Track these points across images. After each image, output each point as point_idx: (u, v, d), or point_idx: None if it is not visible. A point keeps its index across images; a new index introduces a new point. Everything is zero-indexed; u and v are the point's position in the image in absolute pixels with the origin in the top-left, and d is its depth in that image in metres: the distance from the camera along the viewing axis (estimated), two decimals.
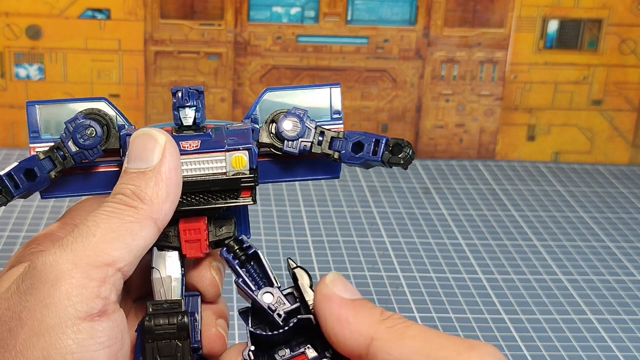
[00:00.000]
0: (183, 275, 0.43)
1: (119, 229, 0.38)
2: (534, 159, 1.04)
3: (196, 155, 0.41)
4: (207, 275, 0.43)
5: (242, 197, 0.41)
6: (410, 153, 0.42)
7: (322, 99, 0.43)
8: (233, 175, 0.41)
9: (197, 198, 0.41)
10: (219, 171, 0.41)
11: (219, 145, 0.41)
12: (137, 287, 0.44)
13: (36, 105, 0.43)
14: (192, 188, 0.41)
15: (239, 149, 0.40)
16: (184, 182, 0.40)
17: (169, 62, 0.97)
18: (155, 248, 0.42)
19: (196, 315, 0.42)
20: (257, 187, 0.41)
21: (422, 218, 0.85)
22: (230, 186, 0.41)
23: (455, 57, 1.00)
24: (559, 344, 0.64)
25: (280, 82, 0.99)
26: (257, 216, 0.82)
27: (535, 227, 0.84)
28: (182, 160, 0.40)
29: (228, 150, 0.40)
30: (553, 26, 1.00)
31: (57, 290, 0.36)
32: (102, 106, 0.44)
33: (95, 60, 0.96)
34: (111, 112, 0.43)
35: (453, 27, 0.99)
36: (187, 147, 0.41)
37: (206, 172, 0.41)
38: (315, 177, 0.44)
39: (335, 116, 0.43)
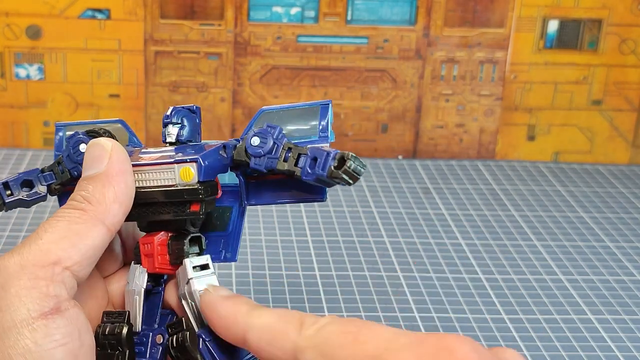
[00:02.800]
0: (157, 291, 0.43)
1: (65, 231, 0.39)
2: (534, 159, 1.04)
3: (148, 167, 0.41)
4: (172, 292, 0.43)
5: (191, 210, 0.41)
6: (351, 166, 0.38)
7: (312, 117, 0.42)
8: (181, 187, 0.40)
9: (148, 210, 0.41)
10: (169, 183, 0.41)
11: (170, 157, 0.41)
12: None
13: (64, 128, 0.45)
14: (143, 198, 0.41)
15: (186, 161, 0.40)
16: (136, 193, 0.41)
17: (169, 62, 0.97)
18: (132, 262, 0.43)
19: (164, 334, 0.42)
20: (206, 201, 0.40)
21: (422, 218, 0.85)
22: (176, 198, 0.40)
23: (455, 57, 1.00)
24: (559, 344, 0.64)
25: (280, 82, 0.99)
26: (257, 216, 0.82)
27: (535, 227, 0.84)
28: (135, 171, 0.41)
29: (177, 163, 0.40)
30: (553, 26, 1.00)
31: (7, 293, 0.37)
32: (116, 127, 0.45)
33: (95, 60, 0.96)
34: (123, 133, 0.44)
35: (453, 27, 0.99)
36: (146, 159, 0.41)
37: (156, 183, 0.41)
38: (300, 200, 0.42)
39: (322, 134, 0.42)
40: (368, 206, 0.87)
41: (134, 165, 0.41)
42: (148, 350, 0.41)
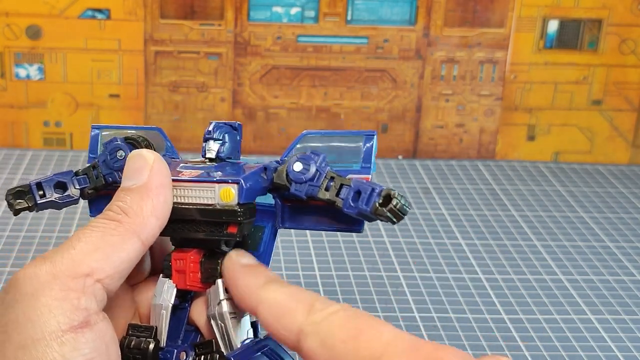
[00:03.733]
0: (183, 307, 0.42)
1: (99, 242, 0.38)
2: (534, 159, 1.04)
3: (189, 184, 0.40)
4: (200, 311, 0.43)
5: (227, 232, 0.40)
6: (397, 205, 0.37)
7: (355, 145, 0.41)
8: (220, 207, 0.40)
9: (184, 227, 0.41)
10: (207, 202, 0.40)
11: (211, 176, 0.40)
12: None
13: (99, 130, 0.44)
14: (179, 215, 0.40)
15: (227, 182, 0.39)
16: (173, 209, 0.40)
17: (169, 62, 0.97)
18: (161, 275, 0.42)
19: (189, 351, 0.42)
20: (244, 224, 0.40)
21: (422, 218, 0.85)
22: (214, 217, 0.40)
23: (455, 57, 1.00)
24: (559, 344, 0.64)
25: (280, 82, 0.99)
26: None
27: (535, 227, 0.84)
28: (175, 187, 0.40)
29: (218, 182, 0.40)
30: (553, 26, 1.00)
31: (37, 302, 0.36)
32: (154, 135, 0.44)
33: (95, 60, 0.96)
34: (160, 141, 0.44)
35: (453, 27, 0.99)
36: (187, 175, 0.40)
37: (195, 200, 0.40)
38: (338, 229, 0.41)
39: (364, 165, 0.41)
40: None
41: (173, 180, 0.40)
42: None
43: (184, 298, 0.43)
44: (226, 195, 0.40)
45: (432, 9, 0.98)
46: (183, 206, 0.40)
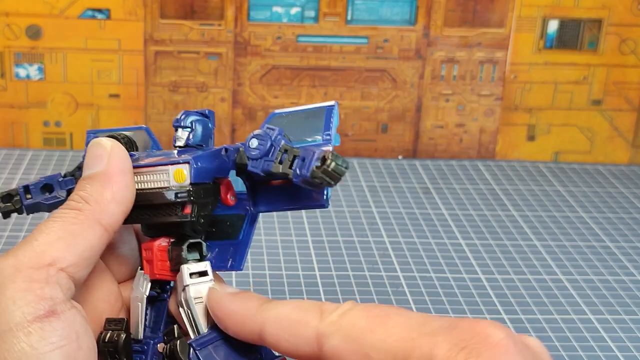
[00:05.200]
0: (157, 297, 0.42)
1: (60, 232, 0.38)
2: (534, 159, 1.04)
3: (146, 169, 0.40)
4: (174, 303, 0.43)
5: (182, 213, 0.40)
6: (330, 165, 0.36)
7: (318, 120, 0.41)
8: (174, 189, 0.40)
9: (145, 213, 0.41)
10: (163, 185, 0.40)
11: (165, 159, 0.40)
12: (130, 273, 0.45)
13: (94, 135, 0.44)
14: (141, 200, 0.40)
15: (179, 163, 0.39)
16: (136, 195, 0.40)
17: (169, 62, 0.97)
18: (139, 268, 0.42)
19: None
20: (198, 204, 0.40)
21: (422, 218, 0.85)
22: (168, 199, 0.40)
23: (455, 57, 1.00)
24: (559, 344, 0.64)
25: (280, 82, 0.99)
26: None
27: (535, 227, 0.84)
28: (135, 172, 0.40)
29: (171, 164, 0.40)
30: (553, 26, 1.00)
31: (2, 296, 0.36)
32: (141, 134, 0.44)
33: (95, 60, 0.96)
34: (147, 140, 0.44)
35: (453, 27, 0.99)
36: (146, 161, 0.41)
37: (152, 185, 0.40)
38: (302, 206, 0.41)
39: (325, 137, 0.40)
40: (368, 206, 0.87)
41: (134, 167, 0.41)
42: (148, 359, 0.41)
43: (163, 289, 0.43)
44: (179, 176, 0.39)
45: (432, 9, 0.98)
46: (143, 191, 0.40)
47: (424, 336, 0.33)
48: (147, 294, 0.42)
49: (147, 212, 0.41)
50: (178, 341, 0.40)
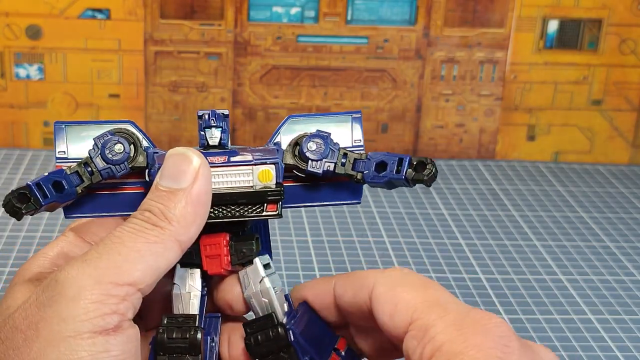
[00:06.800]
0: (204, 294, 0.43)
1: (142, 249, 0.38)
2: (534, 159, 1.04)
3: (224, 169, 0.41)
4: (234, 290, 0.43)
5: (268, 211, 0.42)
6: (433, 170, 0.41)
7: (343, 127, 0.44)
8: (260, 189, 0.41)
9: (224, 211, 0.41)
10: (246, 184, 0.41)
11: (246, 159, 0.41)
12: (154, 319, 0.44)
13: (64, 126, 0.43)
14: (219, 201, 0.41)
15: (266, 163, 0.41)
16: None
17: (169, 62, 0.97)
18: (178, 265, 0.42)
19: (214, 337, 0.42)
20: (282, 202, 0.42)
21: (422, 218, 0.85)
22: (256, 199, 0.41)
23: (455, 57, 1.00)
24: (559, 344, 0.64)
25: (280, 82, 0.99)
26: None
27: (535, 227, 0.84)
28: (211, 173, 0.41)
29: (255, 164, 0.41)
30: (553, 26, 1.00)
31: (76, 305, 0.36)
32: (129, 128, 0.44)
33: (95, 60, 0.96)
34: (137, 133, 0.44)
35: (453, 27, 0.99)
36: (215, 161, 0.41)
37: (233, 185, 0.41)
38: (337, 202, 0.44)
39: (356, 143, 0.44)
40: (368, 206, 0.87)
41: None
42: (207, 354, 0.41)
43: (207, 285, 0.44)
44: (265, 176, 0.41)
45: (432, 9, 0.98)
46: (220, 191, 0.41)
47: (434, 306, 0.39)
48: (202, 290, 0.42)
49: (225, 211, 0.41)
50: (279, 326, 0.42)
